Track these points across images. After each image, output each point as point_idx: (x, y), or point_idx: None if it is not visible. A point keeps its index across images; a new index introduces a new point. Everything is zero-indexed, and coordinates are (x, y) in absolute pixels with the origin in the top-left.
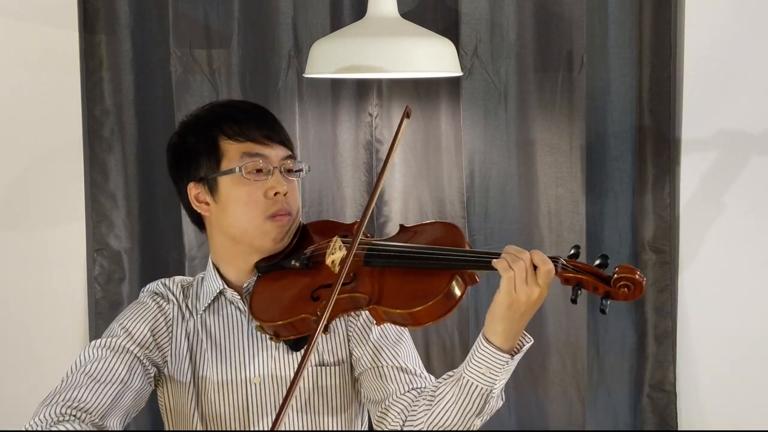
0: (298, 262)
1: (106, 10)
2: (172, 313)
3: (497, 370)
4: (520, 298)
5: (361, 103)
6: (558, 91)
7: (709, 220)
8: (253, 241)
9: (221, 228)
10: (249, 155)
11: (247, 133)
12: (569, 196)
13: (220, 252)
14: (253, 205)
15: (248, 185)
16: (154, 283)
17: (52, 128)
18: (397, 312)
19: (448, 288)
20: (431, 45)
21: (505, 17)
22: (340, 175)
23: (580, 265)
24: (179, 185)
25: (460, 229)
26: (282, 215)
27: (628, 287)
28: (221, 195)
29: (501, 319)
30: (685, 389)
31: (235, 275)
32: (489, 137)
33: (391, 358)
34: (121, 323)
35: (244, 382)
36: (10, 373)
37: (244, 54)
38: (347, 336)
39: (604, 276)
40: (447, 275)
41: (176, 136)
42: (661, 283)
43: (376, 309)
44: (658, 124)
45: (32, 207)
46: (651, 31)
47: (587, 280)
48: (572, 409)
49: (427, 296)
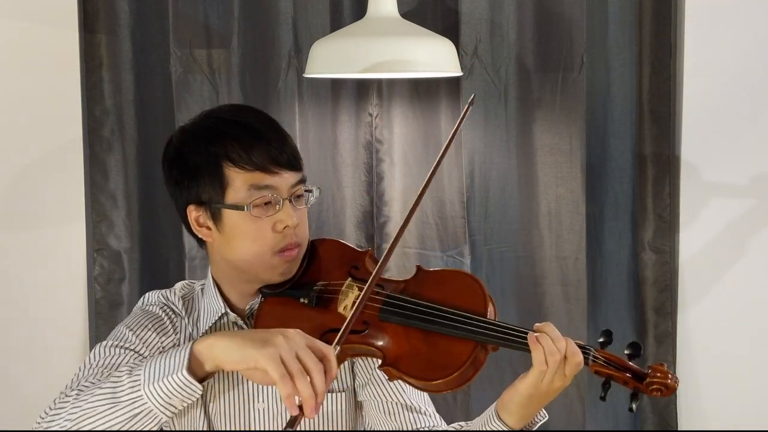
0: (306, 299)
1: (106, 10)
2: (180, 327)
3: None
4: (542, 388)
5: (361, 103)
6: (558, 91)
7: (709, 220)
8: (260, 275)
9: (223, 256)
10: (257, 188)
11: (254, 161)
12: (569, 196)
13: (221, 274)
14: (261, 241)
15: (256, 221)
16: (154, 293)
17: (52, 128)
18: (412, 381)
19: (470, 359)
20: (431, 45)
21: (505, 17)
22: (340, 175)
23: (612, 359)
24: (178, 202)
25: (482, 284)
26: (291, 249)
27: (660, 391)
28: (225, 226)
29: (519, 404)
30: (685, 389)
31: (237, 297)
32: (489, 137)
33: (396, 394)
34: (131, 328)
35: (248, 407)
36: (11, 373)
37: (244, 54)
38: (351, 361)
39: (638, 373)
40: (470, 345)
41: (174, 150)
42: (661, 283)
43: (389, 370)
44: (658, 124)
45: (32, 207)
46: (651, 31)
47: (618, 377)
48: (572, 409)
49: (447, 367)
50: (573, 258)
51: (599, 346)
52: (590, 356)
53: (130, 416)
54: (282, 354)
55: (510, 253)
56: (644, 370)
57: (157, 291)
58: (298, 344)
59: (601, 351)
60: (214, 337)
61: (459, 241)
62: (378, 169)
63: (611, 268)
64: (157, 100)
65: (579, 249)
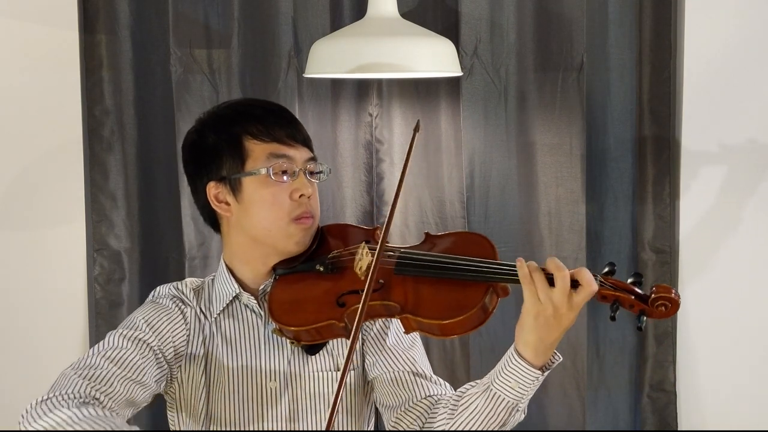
0: (322, 266)
1: (106, 10)
2: (190, 317)
3: (527, 385)
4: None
5: (361, 103)
6: (558, 91)
7: (709, 219)
8: (277, 243)
9: (242, 229)
10: (275, 156)
11: (272, 133)
12: (569, 196)
13: (237, 253)
14: (278, 207)
15: (274, 186)
16: (166, 286)
17: (52, 128)
18: (431, 323)
19: (483, 300)
20: (431, 45)
21: (505, 17)
22: (340, 175)
23: (618, 283)
24: (196, 184)
25: (489, 240)
26: (306, 218)
27: (665, 306)
28: (245, 195)
29: (530, 329)
30: (685, 389)
31: (251, 277)
32: (489, 137)
33: (407, 363)
34: (145, 317)
35: (260, 386)
36: (10, 373)
37: (244, 54)
38: (362, 341)
39: (642, 294)
40: (482, 287)
41: (195, 133)
42: (661, 283)
43: (407, 318)
44: (658, 124)
45: (32, 207)
46: (651, 31)
47: (625, 298)
48: (572, 409)
49: (463, 308)
50: (573, 258)
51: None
52: (597, 280)
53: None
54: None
55: (510, 253)
56: (647, 292)
57: (168, 284)
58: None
59: (606, 276)
60: None
61: None
62: (378, 169)
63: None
64: (157, 100)
65: (579, 249)
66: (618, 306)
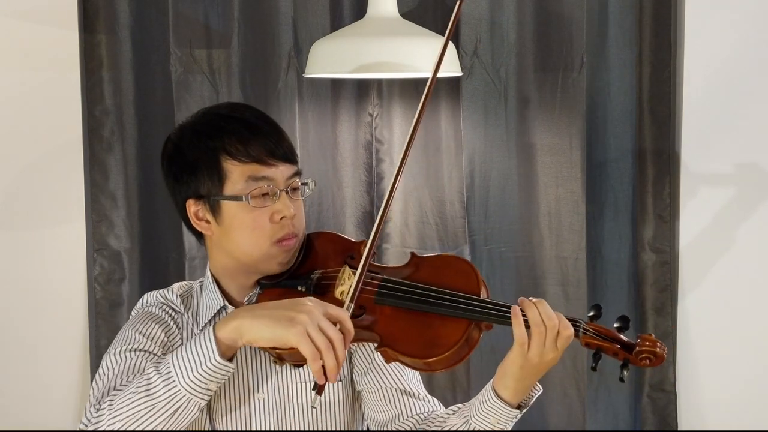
0: (304, 287)
1: (106, 10)
2: (182, 323)
3: (505, 421)
4: (533, 361)
5: (361, 103)
6: (558, 91)
7: (709, 220)
8: (258, 265)
9: (223, 249)
10: (254, 179)
11: (250, 153)
12: (569, 196)
13: (219, 269)
14: (259, 231)
15: (254, 211)
16: (153, 294)
17: (52, 128)
18: (410, 360)
19: (464, 337)
20: (431, 45)
21: (505, 17)
22: (340, 175)
23: (602, 331)
24: (176, 198)
25: (475, 268)
26: (289, 239)
27: (650, 359)
28: (224, 218)
29: (512, 376)
30: (685, 389)
31: (236, 289)
32: (489, 137)
33: (394, 380)
34: (137, 329)
35: (248, 398)
36: (10, 373)
37: (244, 54)
38: (349, 352)
39: (626, 344)
40: (463, 324)
41: (172, 146)
42: (661, 283)
43: (386, 351)
44: (658, 124)
45: (32, 207)
46: (651, 31)
47: (608, 347)
48: (572, 409)
49: (442, 345)
50: (573, 258)
51: (589, 319)
52: (580, 328)
53: (171, 411)
54: (309, 331)
55: (510, 253)
56: (633, 341)
57: (155, 291)
58: (318, 316)
59: (590, 323)
60: (235, 319)
61: (459, 241)
62: (378, 169)
63: (611, 268)
64: (157, 100)
65: (579, 249)
66: (600, 355)
